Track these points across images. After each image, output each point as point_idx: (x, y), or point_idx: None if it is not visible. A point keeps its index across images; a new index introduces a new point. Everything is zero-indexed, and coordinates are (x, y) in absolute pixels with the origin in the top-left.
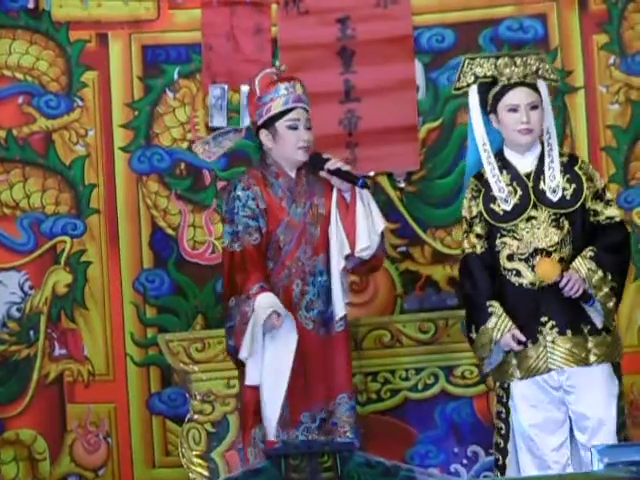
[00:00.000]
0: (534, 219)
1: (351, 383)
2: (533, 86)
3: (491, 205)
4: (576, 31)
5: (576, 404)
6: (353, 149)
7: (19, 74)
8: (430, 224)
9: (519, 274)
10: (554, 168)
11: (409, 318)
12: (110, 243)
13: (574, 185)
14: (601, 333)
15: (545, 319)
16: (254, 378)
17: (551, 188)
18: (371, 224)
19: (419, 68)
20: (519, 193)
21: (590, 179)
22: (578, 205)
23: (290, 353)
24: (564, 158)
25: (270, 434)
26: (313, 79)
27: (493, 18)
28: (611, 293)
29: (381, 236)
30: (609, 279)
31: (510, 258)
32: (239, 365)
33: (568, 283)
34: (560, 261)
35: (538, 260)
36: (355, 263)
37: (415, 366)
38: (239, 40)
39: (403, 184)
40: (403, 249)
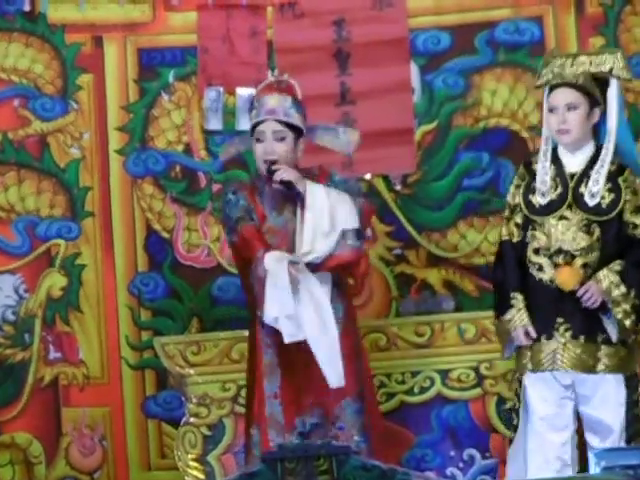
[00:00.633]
0: (566, 219)
1: (356, 386)
2: (578, 87)
3: (530, 196)
4: (572, 34)
5: (587, 408)
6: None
7: (15, 77)
8: (425, 227)
9: (541, 269)
10: (601, 173)
11: (405, 321)
12: (105, 246)
13: (613, 195)
14: (615, 345)
15: (561, 320)
16: (293, 333)
17: (591, 192)
18: (326, 225)
19: (415, 70)
20: (558, 191)
21: (634, 192)
22: (613, 215)
23: (325, 295)
24: (613, 167)
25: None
26: (309, 82)
27: (489, 20)
28: (631, 310)
29: (345, 235)
30: (632, 296)
31: (536, 252)
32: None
33: (586, 293)
34: (584, 267)
35: (561, 266)
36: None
37: (411, 369)
38: (235, 43)
39: (399, 186)
40: (398, 252)
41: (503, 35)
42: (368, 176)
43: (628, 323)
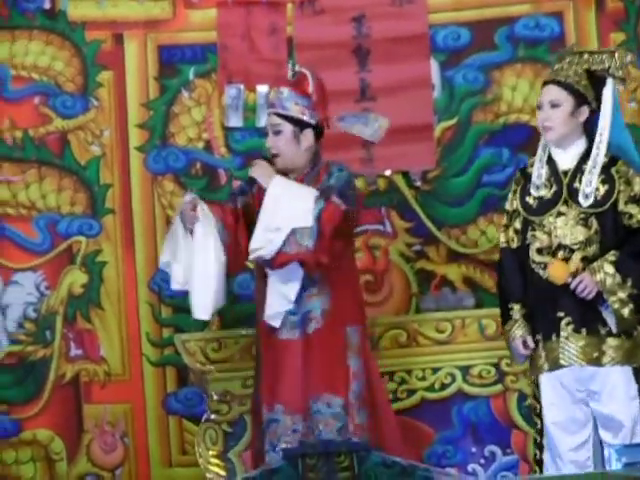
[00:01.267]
0: (563, 215)
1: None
2: (564, 84)
3: (526, 198)
4: (593, 29)
5: (598, 405)
6: (369, 148)
7: (35, 74)
8: (445, 223)
9: (546, 267)
10: (593, 174)
11: (425, 318)
12: (125, 243)
13: (607, 186)
14: (620, 336)
15: (562, 314)
16: (178, 280)
17: (584, 193)
18: (277, 222)
19: (435, 67)
20: (553, 189)
21: (627, 182)
22: (607, 206)
23: (210, 234)
24: (606, 158)
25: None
26: (328, 78)
27: (509, 16)
28: (628, 300)
29: (297, 233)
30: (628, 285)
31: (539, 252)
32: None
33: (580, 284)
34: (583, 260)
35: (551, 262)
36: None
37: (432, 366)
38: (255, 40)
39: (419, 183)
40: (418, 248)
41: (523, 31)
42: (388, 172)
43: (626, 312)
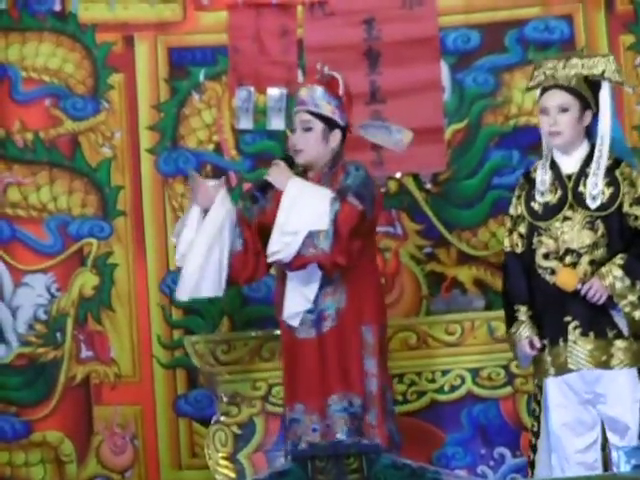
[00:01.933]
0: (569, 219)
1: (353, 383)
2: (570, 89)
3: (531, 203)
4: (602, 31)
5: (604, 407)
6: (379, 150)
7: (46, 76)
8: (456, 225)
9: (553, 273)
10: (598, 176)
11: (435, 320)
12: (136, 245)
13: (611, 189)
14: (628, 339)
15: (569, 319)
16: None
17: (591, 195)
18: (293, 225)
19: (445, 69)
20: (558, 194)
21: (632, 184)
22: (613, 209)
23: (225, 228)
24: (609, 161)
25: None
26: None
27: (519, 19)
28: (639, 302)
29: (314, 236)
30: (638, 288)
31: (546, 257)
32: None
33: (590, 290)
34: (591, 264)
35: (560, 269)
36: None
37: (441, 368)
38: (265, 42)
39: (429, 185)
40: (429, 250)
41: (533, 33)
42: (398, 175)
43: (637, 315)
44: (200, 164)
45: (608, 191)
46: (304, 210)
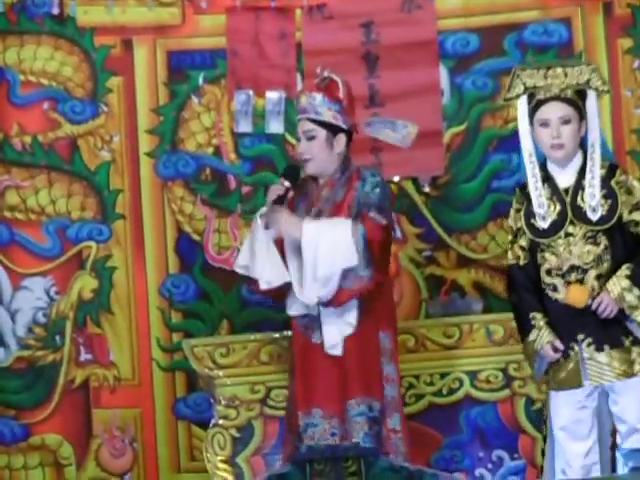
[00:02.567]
0: (571, 236)
1: (372, 388)
2: (568, 100)
3: (531, 220)
4: (600, 35)
5: (614, 405)
6: (378, 154)
7: (44, 80)
8: (455, 228)
9: (555, 289)
10: (594, 186)
11: (434, 323)
12: (136, 248)
13: (610, 200)
14: None
15: (582, 336)
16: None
17: (591, 207)
18: (325, 270)
19: (444, 73)
20: (557, 209)
21: (629, 192)
22: (614, 221)
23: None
24: (603, 170)
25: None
26: None
27: (518, 22)
28: None
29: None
30: None
31: (549, 273)
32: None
33: (600, 306)
34: (598, 278)
35: (569, 285)
36: None
37: (440, 371)
38: (264, 45)
39: (428, 189)
40: (428, 253)
41: (532, 37)
42: (396, 178)
43: None
44: (199, 167)
45: (607, 203)
46: (330, 252)
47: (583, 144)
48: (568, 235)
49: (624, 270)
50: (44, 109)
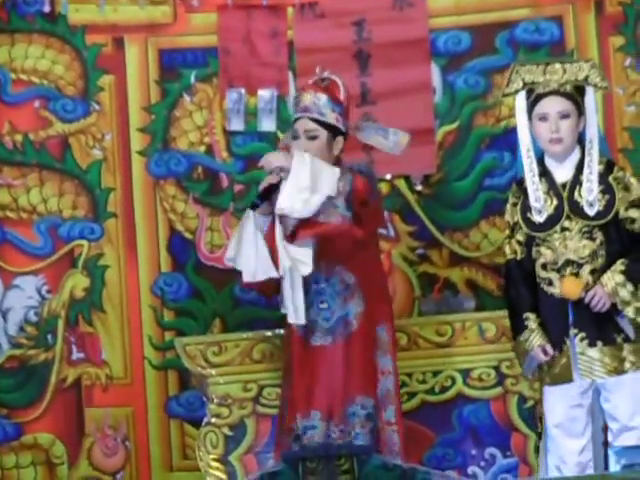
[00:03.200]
0: (567, 230)
1: (366, 385)
2: (567, 95)
3: (528, 214)
4: (592, 33)
5: (606, 403)
6: (369, 152)
7: (35, 78)
8: (447, 226)
9: (551, 283)
10: (592, 181)
11: (426, 321)
12: (128, 247)
13: (607, 196)
14: (635, 341)
15: (575, 331)
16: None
17: (588, 202)
18: (307, 182)
19: (435, 71)
20: (554, 203)
21: (626, 188)
22: (610, 217)
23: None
24: (601, 166)
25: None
26: None
27: (509, 20)
28: None
29: (333, 203)
30: None
31: (544, 267)
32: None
33: (593, 299)
34: (592, 273)
35: (564, 278)
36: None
37: (432, 369)
38: (256, 43)
39: (420, 187)
40: (421, 251)
41: (523, 35)
42: (389, 176)
43: None
44: (191, 166)
45: (604, 199)
46: (318, 174)
47: (581, 139)
48: (564, 230)
49: (619, 265)
50: (35, 107)
